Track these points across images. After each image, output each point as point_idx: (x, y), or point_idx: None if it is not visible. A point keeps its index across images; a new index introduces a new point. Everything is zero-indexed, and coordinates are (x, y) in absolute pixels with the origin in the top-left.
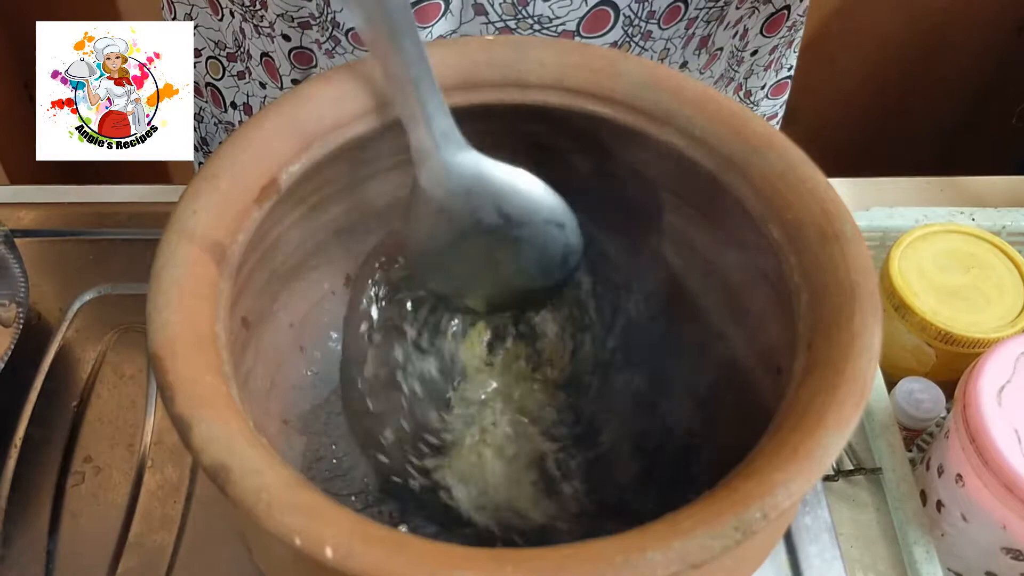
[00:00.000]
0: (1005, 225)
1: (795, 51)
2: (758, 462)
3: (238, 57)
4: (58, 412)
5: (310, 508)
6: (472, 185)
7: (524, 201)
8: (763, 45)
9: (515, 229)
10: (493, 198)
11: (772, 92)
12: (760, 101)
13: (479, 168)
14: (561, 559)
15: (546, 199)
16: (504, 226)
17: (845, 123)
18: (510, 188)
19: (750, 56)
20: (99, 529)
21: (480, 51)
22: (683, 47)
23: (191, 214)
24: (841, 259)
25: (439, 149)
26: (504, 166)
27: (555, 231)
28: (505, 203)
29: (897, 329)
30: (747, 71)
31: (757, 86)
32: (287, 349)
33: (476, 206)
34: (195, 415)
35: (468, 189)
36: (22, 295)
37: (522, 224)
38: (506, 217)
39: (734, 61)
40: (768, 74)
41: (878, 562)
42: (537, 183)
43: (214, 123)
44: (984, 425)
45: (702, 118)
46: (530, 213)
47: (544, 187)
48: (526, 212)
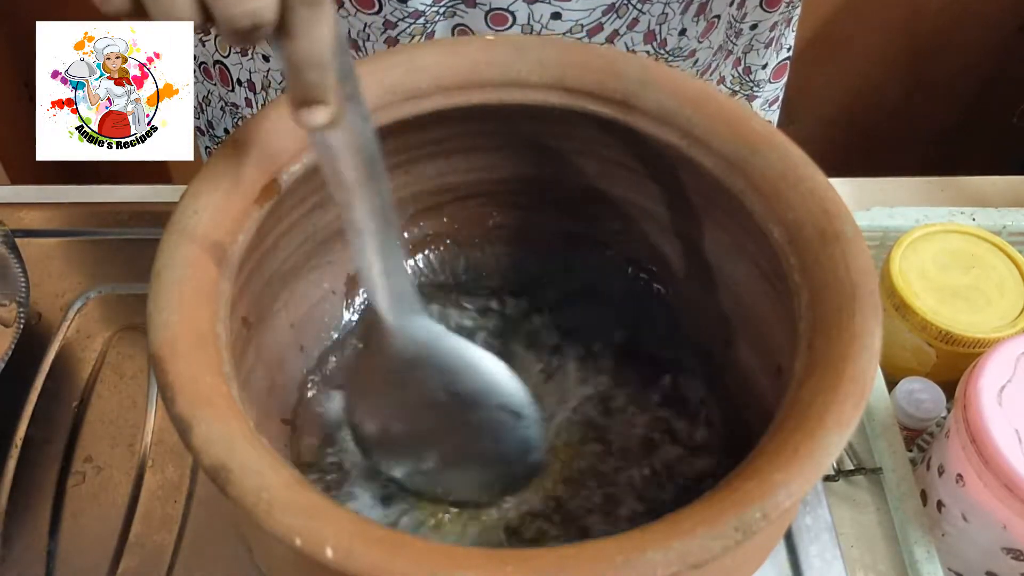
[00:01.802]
0: (1006, 225)
1: (793, 30)
2: (758, 462)
3: None
4: (59, 412)
5: (310, 508)
6: (421, 353)
7: (476, 381)
8: (763, 20)
9: (464, 409)
10: (441, 371)
11: (774, 75)
12: (762, 83)
13: (431, 338)
14: (561, 559)
15: (502, 384)
16: (453, 404)
17: (845, 123)
18: (463, 364)
19: (749, 30)
20: (99, 529)
21: (480, 51)
22: (681, 12)
23: (192, 214)
24: (841, 259)
25: (392, 310)
26: (462, 341)
27: (510, 420)
28: (454, 379)
29: (897, 329)
30: (746, 45)
31: (758, 64)
32: (287, 349)
33: (423, 376)
34: (195, 415)
35: (416, 356)
36: (23, 295)
37: (471, 405)
38: (454, 394)
39: (732, 32)
40: (768, 53)
41: (878, 562)
42: (497, 365)
43: (220, 107)
44: (985, 425)
45: (702, 117)
46: (482, 396)
47: (505, 372)
48: (476, 393)
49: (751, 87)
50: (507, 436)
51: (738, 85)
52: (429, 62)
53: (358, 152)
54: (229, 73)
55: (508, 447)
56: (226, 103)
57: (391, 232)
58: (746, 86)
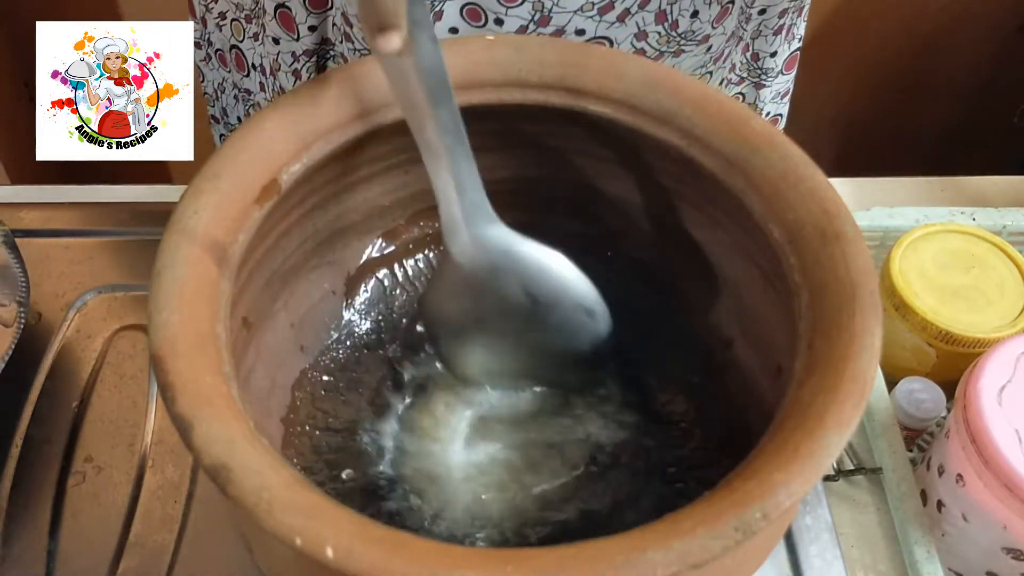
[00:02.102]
0: (1006, 225)
1: (804, 19)
2: (758, 462)
3: (253, 18)
4: (59, 412)
5: (311, 508)
6: (499, 261)
7: (553, 283)
8: (772, 4)
9: (542, 311)
10: (520, 276)
11: (786, 66)
12: (771, 71)
13: (508, 244)
14: (561, 559)
15: (577, 284)
16: (531, 307)
17: (845, 123)
18: (538, 268)
19: (758, 14)
20: (100, 529)
21: (481, 51)
22: None
23: (192, 214)
24: (842, 259)
25: (468, 221)
26: (536, 245)
27: (584, 318)
28: (532, 283)
29: (897, 329)
30: (755, 30)
31: (766, 51)
32: (288, 349)
33: (502, 283)
34: (196, 415)
35: (495, 264)
36: (23, 295)
37: (549, 306)
38: (533, 298)
39: (743, 18)
40: (777, 40)
41: (879, 562)
42: (570, 267)
43: (233, 95)
44: (985, 425)
45: (703, 117)
46: (558, 296)
47: (577, 272)
48: (554, 294)
49: (759, 75)
50: (581, 332)
51: (746, 72)
52: None
53: (429, 75)
54: (244, 57)
55: (580, 344)
56: (240, 89)
57: (463, 146)
58: (754, 73)
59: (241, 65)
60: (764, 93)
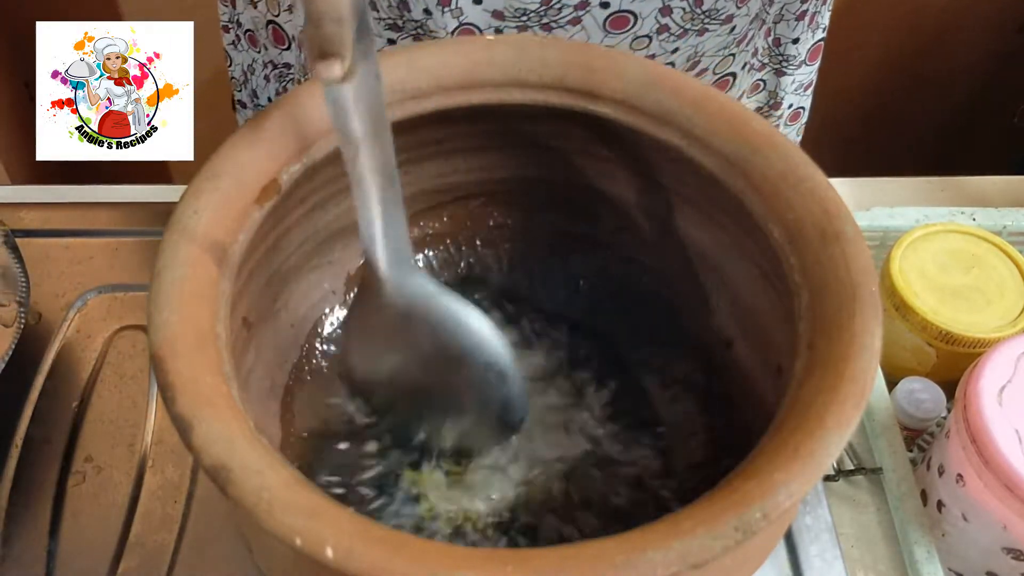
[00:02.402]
0: (1006, 225)
1: (828, 8)
2: (758, 462)
3: None
4: (59, 412)
5: (311, 508)
6: (412, 309)
7: (464, 339)
8: None
9: (452, 365)
10: (432, 327)
11: (809, 56)
12: (792, 59)
13: (425, 295)
14: (561, 559)
15: (489, 344)
16: (441, 360)
17: (845, 123)
18: (452, 321)
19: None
20: (100, 529)
21: (481, 51)
22: None
23: (192, 214)
24: (842, 259)
25: (388, 264)
26: (454, 300)
27: (494, 379)
28: (443, 336)
29: (898, 329)
30: (777, 14)
31: (788, 37)
32: (288, 349)
33: (413, 331)
34: (196, 415)
35: (408, 311)
36: (23, 295)
37: (459, 362)
38: (443, 351)
39: (767, 1)
40: (800, 26)
41: (879, 562)
42: (486, 326)
43: (264, 75)
44: (985, 425)
45: (703, 117)
46: (470, 353)
47: (492, 333)
48: (465, 350)
49: (780, 61)
50: (491, 394)
51: (767, 58)
52: (429, 62)
53: (368, 108)
54: (283, 31)
55: (491, 405)
56: (276, 65)
57: (392, 188)
58: (775, 59)
59: (280, 39)
60: (785, 81)
